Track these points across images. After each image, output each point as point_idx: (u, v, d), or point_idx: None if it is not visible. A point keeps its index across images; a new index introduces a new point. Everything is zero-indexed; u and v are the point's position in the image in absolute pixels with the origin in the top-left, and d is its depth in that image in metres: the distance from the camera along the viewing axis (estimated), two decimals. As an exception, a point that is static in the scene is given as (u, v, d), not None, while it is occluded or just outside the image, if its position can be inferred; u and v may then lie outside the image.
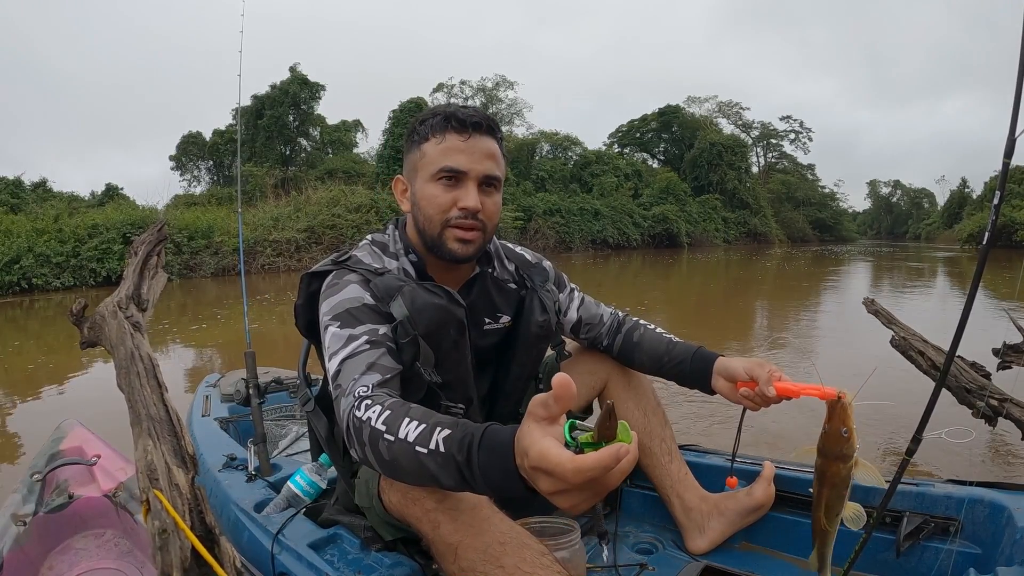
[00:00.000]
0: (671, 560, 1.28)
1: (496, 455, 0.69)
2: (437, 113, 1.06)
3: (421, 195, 1.07)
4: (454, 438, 0.73)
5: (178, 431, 0.95)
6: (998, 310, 6.02)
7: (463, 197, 1.04)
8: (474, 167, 1.04)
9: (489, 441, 0.70)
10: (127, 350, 1.18)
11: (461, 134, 1.04)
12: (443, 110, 1.06)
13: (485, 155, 1.05)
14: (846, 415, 0.86)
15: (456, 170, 1.03)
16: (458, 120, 1.04)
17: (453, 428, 0.74)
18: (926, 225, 52.53)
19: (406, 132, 1.13)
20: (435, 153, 1.05)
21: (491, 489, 0.72)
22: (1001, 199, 0.76)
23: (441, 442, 0.74)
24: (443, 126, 1.04)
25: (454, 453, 0.72)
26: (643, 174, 31.20)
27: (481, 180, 1.05)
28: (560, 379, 0.61)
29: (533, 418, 0.64)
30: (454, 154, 1.04)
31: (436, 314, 1.00)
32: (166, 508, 0.82)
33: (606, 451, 0.59)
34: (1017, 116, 0.72)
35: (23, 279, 11.11)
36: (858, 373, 3.70)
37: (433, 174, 1.04)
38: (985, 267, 0.87)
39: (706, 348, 1.22)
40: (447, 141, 1.04)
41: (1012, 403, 2.30)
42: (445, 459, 0.73)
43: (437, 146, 1.05)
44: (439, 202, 1.04)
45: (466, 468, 0.71)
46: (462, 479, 0.73)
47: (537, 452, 0.62)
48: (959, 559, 1.10)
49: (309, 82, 24.69)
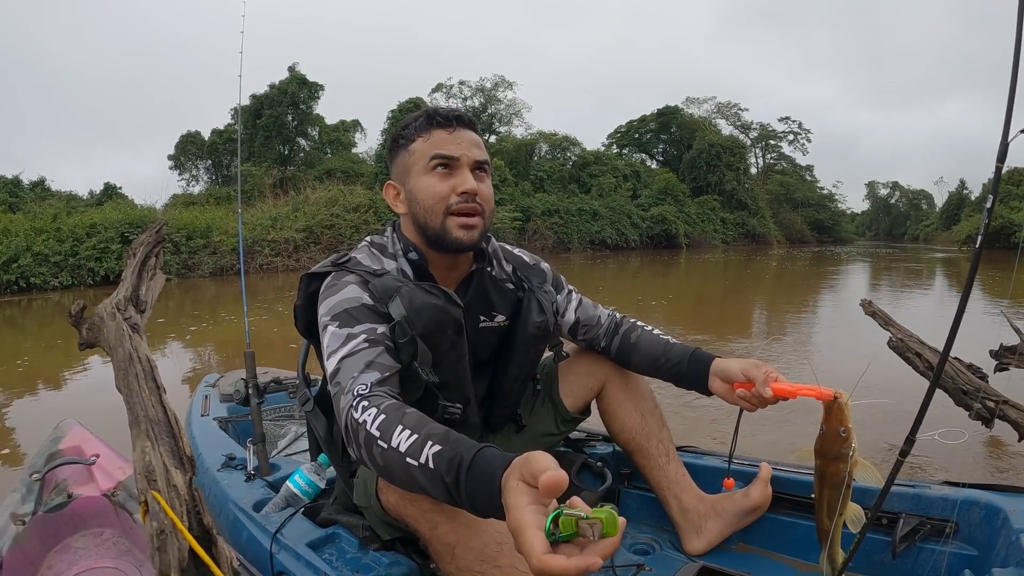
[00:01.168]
0: (668, 561, 1.28)
1: (483, 485, 0.69)
2: (418, 116, 1.10)
3: (418, 189, 1.08)
4: (444, 456, 0.73)
5: (176, 432, 0.95)
6: (996, 312, 6.03)
7: (460, 182, 1.06)
8: (465, 153, 1.07)
9: (478, 470, 0.70)
10: (125, 352, 1.19)
11: (446, 128, 1.08)
12: (422, 112, 1.10)
13: (472, 143, 1.09)
14: (843, 415, 0.87)
15: (449, 156, 1.06)
16: (441, 116, 1.08)
17: (444, 444, 0.74)
18: (924, 226, 52.60)
19: (389, 141, 1.16)
20: (425, 147, 1.08)
21: (479, 513, 0.72)
22: (993, 203, 0.77)
23: (431, 458, 0.74)
24: (427, 124, 1.08)
25: (443, 473, 0.72)
26: (641, 175, 31.21)
27: (473, 165, 1.08)
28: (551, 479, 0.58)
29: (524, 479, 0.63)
30: (444, 144, 1.07)
31: (434, 314, 1.01)
32: (164, 509, 0.82)
33: (577, 560, 0.56)
34: (1010, 120, 0.73)
35: (21, 278, 11.08)
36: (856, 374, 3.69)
37: (427, 165, 1.07)
38: (986, 269, 0.88)
39: (703, 350, 1.23)
40: (434, 136, 1.08)
41: (1008, 405, 2.31)
42: (434, 475, 0.73)
43: (425, 143, 1.08)
44: (437, 190, 1.06)
45: (454, 490, 0.72)
46: (451, 498, 0.73)
47: (514, 521, 0.61)
48: (955, 561, 1.10)
49: (308, 82, 24.68)
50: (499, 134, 30.19)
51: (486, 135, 29.40)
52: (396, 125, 1.16)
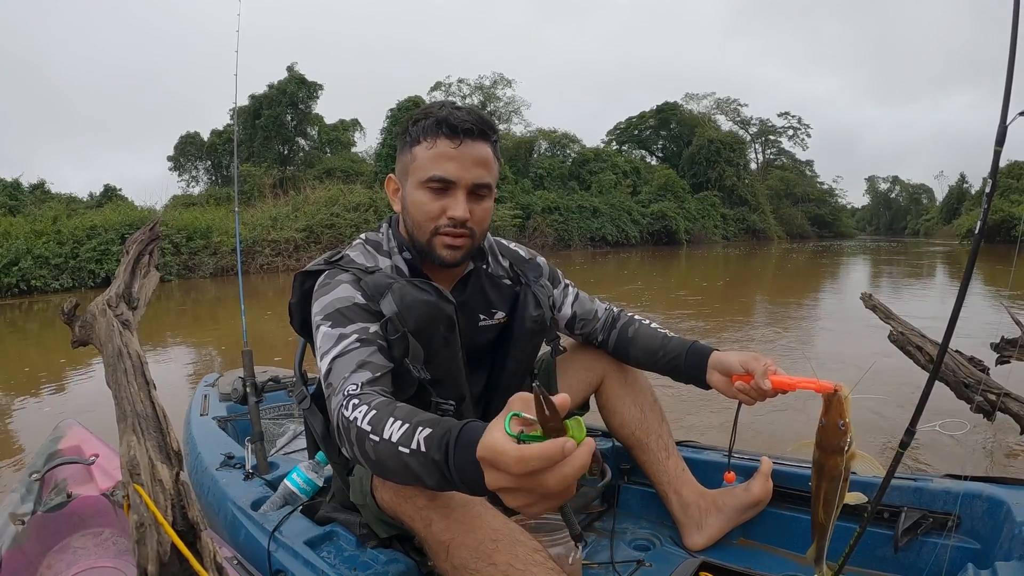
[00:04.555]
0: (668, 556, 1.28)
1: (471, 451, 0.66)
2: (430, 114, 1.04)
3: (411, 200, 1.06)
4: (434, 437, 0.72)
5: (164, 427, 0.94)
6: (998, 305, 6.02)
7: (451, 207, 1.03)
8: (463, 176, 1.02)
9: (465, 439, 0.68)
10: (115, 347, 1.18)
11: (452, 140, 1.02)
12: (436, 112, 1.04)
13: (476, 162, 1.04)
14: (843, 408, 0.86)
15: (445, 179, 1.02)
16: (449, 126, 1.02)
17: (434, 427, 0.73)
18: (925, 221, 52.53)
19: (400, 128, 1.12)
20: (425, 159, 1.03)
21: (469, 488, 0.69)
22: (993, 187, 0.76)
23: (422, 442, 0.72)
24: (435, 130, 1.03)
25: (433, 453, 0.71)
26: (641, 171, 31.22)
27: (471, 188, 1.04)
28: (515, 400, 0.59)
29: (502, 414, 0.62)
30: (444, 162, 1.02)
31: (425, 311, 1.00)
32: (145, 502, 0.81)
33: (551, 443, 0.56)
34: (1008, 103, 0.72)
35: (22, 281, 11.10)
36: (857, 366, 3.70)
37: (422, 181, 1.03)
38: (986, 262, 0.87)
39: (701, 343, 1.22)
40: (438, 147, 1.02)
41: (1009, 397, 2.30)
42: (425, 459, 0.72)
43: (428, 151, 1.03)
44: (428, 210, 1.04)
45: (444, 467, 0.70)
46: (443, 478, 0.71)
47: (484, 442, 0.61)
48: (957, 554, 1.10)
49: (307, 81, 24.67)
50: (498, 132, 30.13)
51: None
52: (409, 115, 1.10)
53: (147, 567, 0.80)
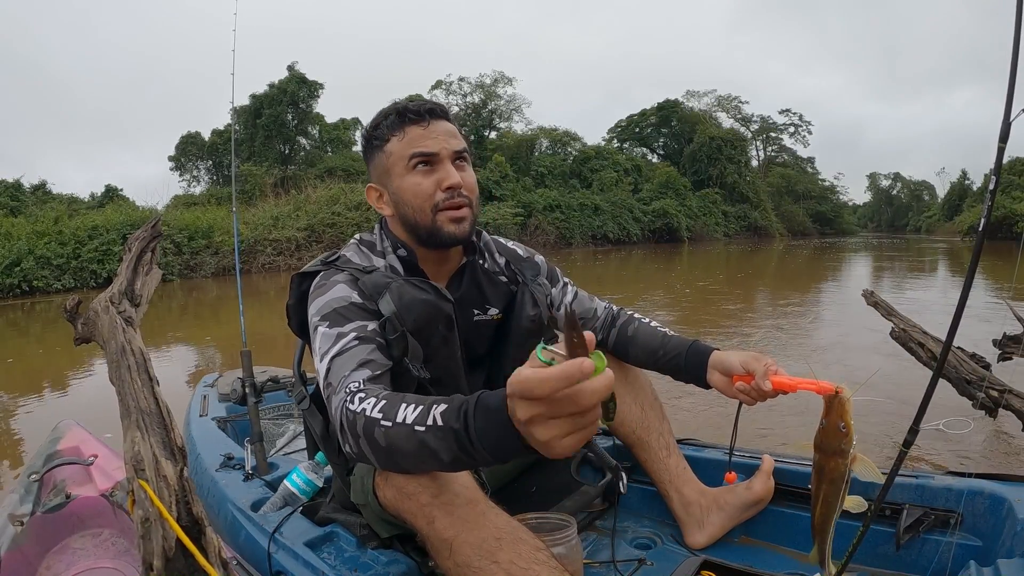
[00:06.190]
0: (670, 555, 1.27)
1: (492, 412, 0.68)
2: (388, 114, 1.08)
3: (402, 189, 1.07)
4: (451, 410, 0.73)
5: (168, 423, 0.94)
6: (1000, 301, 6.00)
7: (444, 177, 1.05)
8: (444, 147, 1.06)
9: (484, 403, 0.70)
10: (118, 344, 1.18)
11: (420, 123, 1.06)
12: (392, 109, 1.08)
13: (448, 134, 1.07)
14: (844, 410, 0.85)
15: (428, 153, 1.05)
16: (413, 112, 1.06)
17: (449, 403, 0.74)
18: (926, 218, 52.39)
19: (362, 143, 1.15)
20: (401, 147, 1.06)
21: (489, 453, 0.70)
22: (996, 184, 0.75)
23: (439, 416, 0.73)
24: (400, 123, 1.07)
25: (452, 423, 0.72)
26: (642, 169, 31.21)
27: (453, 157, 1.07)
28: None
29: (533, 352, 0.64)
30: (421, 141, 1.06)
31: (424, 309, 1.00)
32: (150, 497, 0.81)
33: (570, 362, 0.58)
34: (1012, 100, 0.71)
35: (24, 281, 11.12)
36: (859, 367, 3.69)
37: (407, 165, 1.06)
38: (989, 259, 0.87)
39: (701, 342, 1.21)
40: (409, 134, 1.06)
41: (1012, 394, 2.30)
42: (444, 432, 0.73)
43: (401, 142, 1.06)
44: (422, 189, 1.05)
45: (464, 435, 0.71)
46: (461, 449, 0.72)
47: (512, 379, 0.62)
48: (959, 551, 1.09)
49: (307, 81, 24.68)
50: (499, 130, 30.17)
51: (486, 131, 29.41)
52: (365, 128, 1.14)
53: (152, 562, 0.80)
